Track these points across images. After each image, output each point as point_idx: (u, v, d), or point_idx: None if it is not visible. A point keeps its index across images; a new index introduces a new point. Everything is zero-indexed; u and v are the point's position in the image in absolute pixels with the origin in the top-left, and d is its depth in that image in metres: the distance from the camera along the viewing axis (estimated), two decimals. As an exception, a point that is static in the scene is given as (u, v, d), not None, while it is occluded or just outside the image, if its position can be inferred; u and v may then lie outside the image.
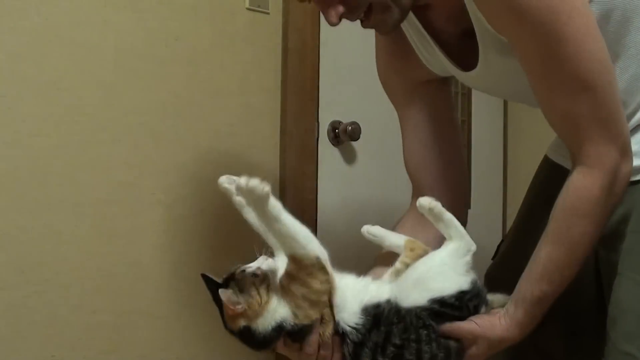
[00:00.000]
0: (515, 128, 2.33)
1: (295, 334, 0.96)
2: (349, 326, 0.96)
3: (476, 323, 0.99)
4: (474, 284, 0.99)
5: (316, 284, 0.95)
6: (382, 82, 1.24)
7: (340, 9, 0.96)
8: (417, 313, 0.97)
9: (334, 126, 1.82)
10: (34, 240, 1.31)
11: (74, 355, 1.36)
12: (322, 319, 0.96)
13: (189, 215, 1.52)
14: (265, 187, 0.85)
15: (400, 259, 1.06)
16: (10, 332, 1.28)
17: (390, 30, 1.04)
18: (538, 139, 1.26)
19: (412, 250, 1.07)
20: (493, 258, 1.32)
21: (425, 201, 0.97)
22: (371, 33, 1.22)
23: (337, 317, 0.97)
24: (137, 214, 1.45)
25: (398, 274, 1.04)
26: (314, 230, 1.74)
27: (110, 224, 1.41)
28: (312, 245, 0.95)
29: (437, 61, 1.12)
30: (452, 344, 0.98)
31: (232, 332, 1.00)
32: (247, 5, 1.63)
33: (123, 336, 1.43)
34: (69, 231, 1.35)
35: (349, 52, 1.82)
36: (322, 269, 0.95)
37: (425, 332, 0.96)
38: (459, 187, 1.22)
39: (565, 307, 1.08)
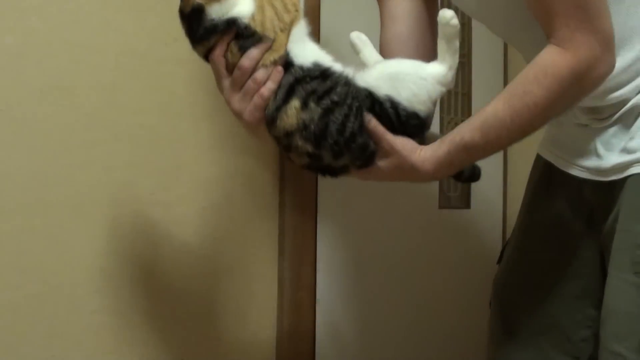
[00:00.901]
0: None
1: (243, 40, 0.95)
2: (297, 60, 0.97)
3: (399, 138, 0.98)
4: (428, 117, 0.99)
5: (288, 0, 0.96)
6: None
7: None
8: (363, 93, 0.97)
9: (334, 126, 1.81)
10: (34, 240, 1.31)
11: (74, 355, 1.36)
12: (272, 45, 0.96)
13: (189, 215, 1.52)
14: None
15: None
16: (10, 332, 1.28)
17: None
18: (538, 139, 1.25)
19: None
20: (498, 262, 1.31)
21: (450, 14, 0.95)
22: (371, 32, 1.21)
23: (288, 47, 0.97)
24: (137, 214, 1.44)
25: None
26: (314, 230, 1.75)
27: (110, 224, 1.41)
28: None
29: None
30: (371, 142, 0.98)
31: (182, 14, 1.00)
32: (247, 5, 1.62)
33: (123, 336, 1.43)
34: (69, 231, 1.35)
35: (349, 51, 1.82)
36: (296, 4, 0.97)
37: (357, 105, 0.97)
38: None
39: (579, 306, 1.08)
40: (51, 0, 1.34)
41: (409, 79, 0.97)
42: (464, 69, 2.05)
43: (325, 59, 1.01)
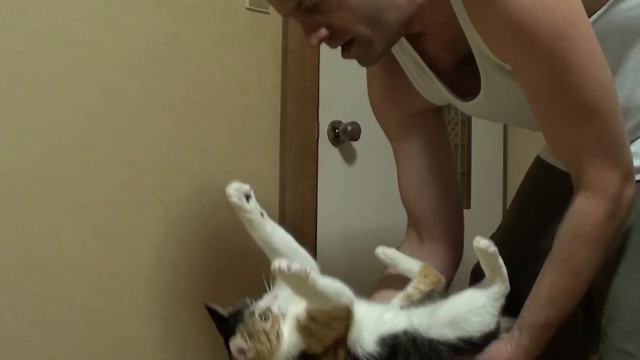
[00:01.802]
0: (516, 128, 2.33)
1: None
2: (366, 357, 0.95)
3: (484, 351, 0.99)
4: (498, 323, 1.00)
5: (338, 325, 0.93)
6: (375, 113, 1.22)
7: (324, 32, 0.95)
8: (435, 343, 0.97)
9: (334, 126, 1.82)
10: (34, 240, 1.31)
11: (74, 355, 1.36)
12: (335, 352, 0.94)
13: (189, 215, 1.52)
14: (307, 269, 0.85)
15: (413, 284, 1.07)
16: (10, 332, 1.28)
17: (372, 63, 1.03)
18: (538, 139, 1.25)
19: (426, 276, 1.08)
20: None
21: (485, 244, 0.96)
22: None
23: (352, 349, 0.95)
24: (137, 214, 1.45)
25: (409, 299, 1.04)
26: (314, 230, 1.75)
27: (110, 224, 1.41)
28: (344, 296, 0.93)
29: (434, 90, 1.10)
30: None
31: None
32: (247, 5, 1.63)
33: (123, 336, 1.43)
34: (69, 231, 1.35)
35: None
36: (349, 315, 0.93)
37: (436, 355, 0.96)
38: (454, 217, 1.21)
39: None
40: (51, 0, 1.34)
41: (469, 315, 0.97)
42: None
43: (385, 326, 0.98)
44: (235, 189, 0.99)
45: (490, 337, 0.99)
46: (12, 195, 1.29)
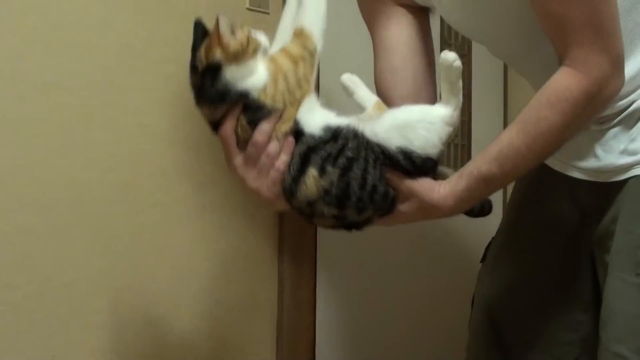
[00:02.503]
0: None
1: (252, 113, 0.95)
2: (307, 129, 0.97)
3: (416, 180, 0.98)
4: (439, 155, 0.99)
5: (302, 68, 0.97)
6: (359, 3, 1.21)
7: None
8: (373, 144, 0.97)
9: (334, 126, 1.81)
10: (34, 240, 1.31)
11: (74, 355, 1.36)
12: (281, 116, 0.96)
13: (189, 215, 1.52)
14: None
15: (365, 112, 1.07)
16: (10, 332, 1.28)
17: None
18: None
19: (379, 109, 1.07)
20: (482, 261, 1.31)
21: (452, 57, 0.94)
22: (367, 38, 1.21)
23: (297, 117, 0.96)
24: (137, 214, 1.44)
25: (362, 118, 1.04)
26: (314, 230, 1.75)
27: (110, 224, 1.41)
28: (319, 35, 0.99)
29: None
30: (391, 190, 0.98)
31: (194, 68, 0.98)
32: (247, 5, 1.62)
33: (123, 336, 1.43)
34: (69, 231, 1.35)
35: (349, 52, 1.82)
36: (312, 61, 0.99)
37: (373, 156, 0.97)
38: None
39: (565, 308, 1.08)
40: (51, 0, 1.33)
41: (420, 126, 0.97)
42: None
43: (334, 119, 1.01)
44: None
45: (428, 165, 0.98)
46: (12, 195, 1.29)
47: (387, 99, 1.16)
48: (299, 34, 0.99)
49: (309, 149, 0.96)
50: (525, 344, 1.19)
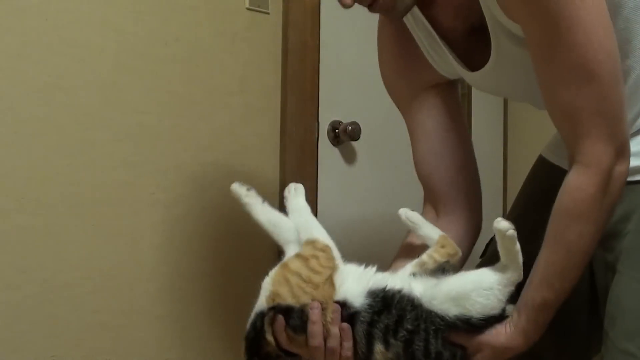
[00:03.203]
0: (515, 128, 2.33)
1: (294, 324, 0.95)
2: (358, 305, 0.96)
3: (483, 332, 0.98)
4: (503, 310, 0.98)
5: (314, 261, 0.97)
6: (387, 87, 1.21)
7: None
8: (432, 315, 0.97)
9: (334, 126, 1.82)
10: (34, 240, 1.31)
11: (74, 355, 1.36)
12: (322, 306, 0.95)
13: (189, 215, 1.52)
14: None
15: (428, 252, 1.05)
16: (10, 332, 1.28)
17: (400, 16, 1.02)
18: (538, 139, 1.25)
19: (443, 247, 1.06)
20: (481, 256, 1.31)
21: (505, 226, 0.94)
22: (371, 32, 1.21)
23: (342, 298, 0.96)
24: (137, 214, 1.45)
25: (423, 266, 1.03)
26: (314, 230, 1.74)
27: (110, 224, 1.41)
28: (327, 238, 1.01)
29: (445, 62, 1.10)
30: (458, 350, 0.98)
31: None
32: (247, 5, 1.63)
33: (123, 336, 1.43)
34: (69, 231, 1.35)
35: (349, 52, 1.82)
36: (326, 255, 0.99)
37: (433, 327, 0.96)
38: (471, 191, 1.20)
39: (562, 305, 1.08)
40: (51, 0, 1.33)
41: (475, 294, 0.96)
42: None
43: (375, 281, 1.00)
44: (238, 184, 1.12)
45: (492, 321, 0.97)
46: (12, 195, 1.29)
47: (430, 181, 1.19)
48: (309, 244, 1.00)
49: (369, 325, 0.96)
50: None
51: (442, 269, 1.02)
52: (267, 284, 1.00)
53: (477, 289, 0.97)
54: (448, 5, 1.03)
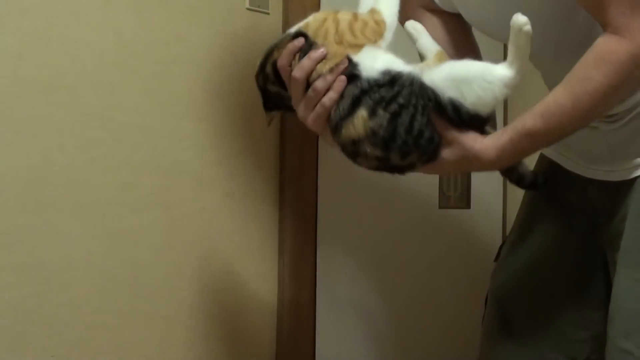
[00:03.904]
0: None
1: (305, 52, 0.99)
2: (365, 74, 0.98)
3: (461, 129, 0.98)
4: (490, 114, 0.99)
5: (360, 24, 1.00)
6: None
7: None
8: (427, 91, 0.98)
9: (334, 126, 1.81)
10: (34, 240, 1.31)
11: (74, 355, 1.36)
12: (326, 54, 0.99)
13: (189, 215, 1.52)
14: None
15: (425, 62, 1.07)
16: (10, 332, 1.28)
17: None
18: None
19: (440, 59, 1.07)
20: (495, 260, 1.31)
21: (523, 20, 0.93)
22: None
23: (356, 59, 0.98)
24: (137, 214, 1.45)
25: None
26: (314, 230, 1.75)
27: (110, 224, 1.41)
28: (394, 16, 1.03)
29: None
30: (436, 135, 0.99)
31: None
32: (247, 5, 1.63)
33: (123, 336, 1.43)
34: (69, 231, 1.35)
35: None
36: (378, 29, 1.01)
37: (422, 104, 0.97)
38: None
39: (577, 306, 1.08)
40: (51, 0, 1.33)
41: (476, 82, 0.96)
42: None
43: (397, 65, 1.01)
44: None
45: (476, 122, 0.98)
46: (12, 195, 1.29)
47: None
48: (371, 11, 1.02)
49: (362, 92, 0.97)
50: (537, 341, 1.19)
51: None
52: (312, 16, 1.04)
53: (480, 78, 0.97)
54: None
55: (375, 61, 0.99)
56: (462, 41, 1.20)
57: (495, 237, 2.05)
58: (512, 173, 1.14)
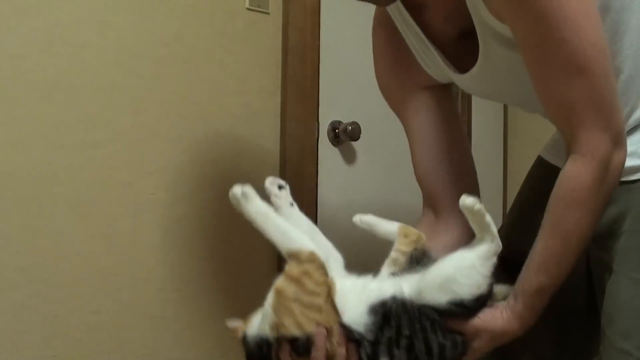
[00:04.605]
0: (515, 128, 2.33)
1: (299, 351, 0.94)
2: (363, 327, 0.96)
3: (478, 317, 0.99)
4: (491, 285, 0.99)
5: (307, 281, 0.95)
6: (381, 88, 1.22)
7: None
8: (426, 308, 0.97)
9: (334, 126, 1.82)
10: (34, 240, 1.31)
11: (74, 355, 1.36)
12: (327, 330, 0.95)
13: (189, 215, 1.52)
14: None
15: (394, 247, 1.07)
16: (10, 332, 1.28)
17: (387, 3, 1.04)
18: (538, 139, 1.25)
19: (406, 236, 1.07)
20: None
21: (471, 202, 0.95)
22: (371, 32, 1.22)
23: (345, 322, 0.96)
24: (137, 214, 1.45)
25: (396, 263, 1.04)
26: (314, 230, 1.74)
27: (110, 224, 1.41)
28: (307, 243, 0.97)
29: (435, 65, 1.11)
30: (457, 336, 0.99)
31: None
32: (247, 5, 1.63)
33: (123, 336, 1.43)
34: (69, 231, 1.35)
35: (349, 52, 1.82)
36: (316, 265, 0.95)
37: (429, 322, 0.97)
38: (469, 192, 1.22)
39: (555, 306, 1.08)
40: (51, 0, 1.34)
41: (458, 276, 0.96)
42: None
43: (372, 291, 0.99)
44: (270, 181, 1.08)
45: (482, 300, 0.98)
46: (12, 195, 1.29)
47: (428, 183, 1.20)
48: (293, 257, 0.97)
49: (373, 345, 0.96)
50: (515, 344, 1.19)
51: (416, 260, 1.03)
52: (269, 310, 0.97)
53: (459, 269, 0.97)
54: (438, 9, 1.04)
55: (352, 304, 0.97)
56: (452, 125, 1.21)
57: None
58: None
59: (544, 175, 1.21)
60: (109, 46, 1.41)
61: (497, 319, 0.99)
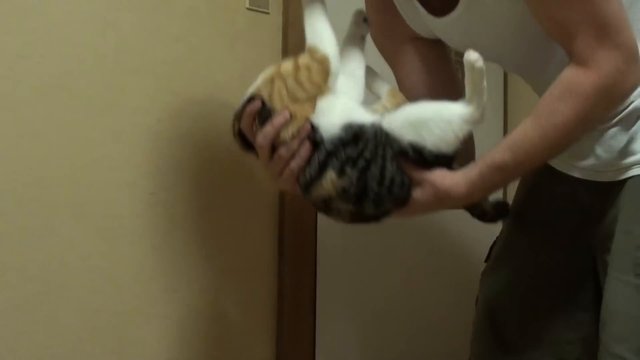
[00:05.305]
0: (515, 126, 2.33)
1: (261, 116, 0.99)
2: (329, 136, 0.97)
3: (430, 170, 0.99)
4: (456, 152, 0.98)
5: (304, 73, 0.98)
6: (374, 40, 1.22)
7: None
8: (392, 139, 0.97)
9: (334, 126, 1.81)
10: (34, 240, 1.31)
11: (74, 355, 1.36)
12: (291, 116, 0.97)
13: (189, 215, 1.52)
14: None
15: (381, 102, 1.08)
16: (10, 332, 1.28)
17: None
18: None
19: (393, 96, 1.08)
20: (486, 260, 1.31)
21: (475, 57, 0.93)
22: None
23: (316, 121, 0.97)
24: (137, 214, 1.44)
25: (374, 112, 1.05)
26: (314, 230, 1.75)
27: (110, 224, 1.41)
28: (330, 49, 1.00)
29: (415, 16, 1.11)
30: (406, 178, 0.98)
31: None
32: (247, 5, 1.63)
33: (123, 336, 1.43)
34: (69, 231, 1.35)
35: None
36: (322, 67, 0.98)
37: (391, 152, 0.97)
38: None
39: (566, 308, 1.08)
40: (51, 0, 1.33)
41: (433, 124, 0.96)
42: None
43: (357, 115, 1.00)
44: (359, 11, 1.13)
45: (441, 159, 0.97)
46: (12, 195, 1.29)
47: None
48: (309, 51, 1.01)
49: (328, 155, 0.96)
50: (526, 343, 1.19)
51: None
52: (260, 77, 1.04)
53: (436, 118, 0.97)
54: None
55: (333, 115, 0.99)
56: (443, 75, 1.21)
57: (494, 237, 2.05)
58: (474, 209, 1.14)
59: (541, 176, 1.21)
60: (109, 46, 1.41)
61: (446, 177, 0.98)
